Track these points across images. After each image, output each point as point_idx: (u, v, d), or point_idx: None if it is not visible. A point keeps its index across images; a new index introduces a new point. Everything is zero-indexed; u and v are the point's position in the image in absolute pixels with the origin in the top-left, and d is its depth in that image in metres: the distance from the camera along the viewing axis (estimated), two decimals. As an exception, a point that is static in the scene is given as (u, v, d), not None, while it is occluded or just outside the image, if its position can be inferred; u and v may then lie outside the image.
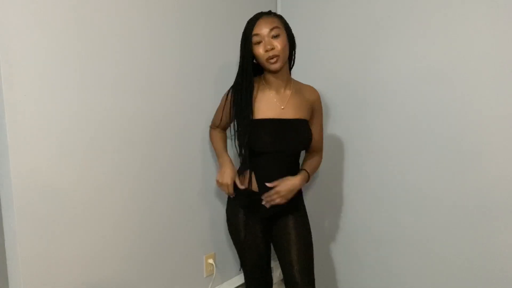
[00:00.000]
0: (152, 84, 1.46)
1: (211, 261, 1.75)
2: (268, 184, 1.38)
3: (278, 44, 1.32)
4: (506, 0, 1.34)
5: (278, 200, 1.38)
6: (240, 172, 1.46)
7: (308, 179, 1.47)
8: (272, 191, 1.38)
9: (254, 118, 1.38)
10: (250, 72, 1.38)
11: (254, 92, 1.41)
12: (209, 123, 1.61)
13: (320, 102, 1.52)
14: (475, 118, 1.46)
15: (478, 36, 1.42)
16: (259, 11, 1.37)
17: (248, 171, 1.43)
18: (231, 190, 1.43)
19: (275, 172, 1.41)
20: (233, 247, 1.86)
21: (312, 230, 1.52)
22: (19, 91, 1.12)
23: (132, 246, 1.46)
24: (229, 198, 1.51)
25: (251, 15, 1.36)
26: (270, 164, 1.41)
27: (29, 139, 1.16)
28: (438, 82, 1.53)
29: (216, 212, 1.77)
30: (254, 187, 1.43)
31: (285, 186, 1.38)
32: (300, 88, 1.48)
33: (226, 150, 1.53)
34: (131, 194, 1.44)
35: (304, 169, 1.47)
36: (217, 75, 1.71)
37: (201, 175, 1.68)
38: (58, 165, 1.23)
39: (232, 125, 1.47)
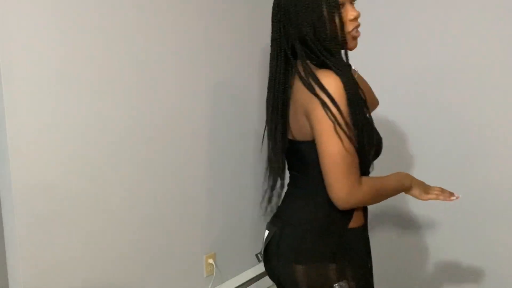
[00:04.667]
0: (155, 87, 1.45)
1: (211, 261, 1.75)
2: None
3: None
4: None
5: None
6: None
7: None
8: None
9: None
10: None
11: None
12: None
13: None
14: (479, 118, 1.46)
15: (490, 35, 1.42)
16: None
17: None
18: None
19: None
20: (233, 247, 1.86)
21: None
22: (20, 91, 1.12)
23: (132, 246, 1.46)
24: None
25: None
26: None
27: (29, 139, 1.15)
28: (439, 83, 1.53)
29: (216, 212, 1.77)
30: None
31: None
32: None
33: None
34: (132, 194, 1.44)
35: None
36: (223, 78, 1.70)
37: (202, 175, 1.68)
38: (58, 165, 1.22)
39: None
